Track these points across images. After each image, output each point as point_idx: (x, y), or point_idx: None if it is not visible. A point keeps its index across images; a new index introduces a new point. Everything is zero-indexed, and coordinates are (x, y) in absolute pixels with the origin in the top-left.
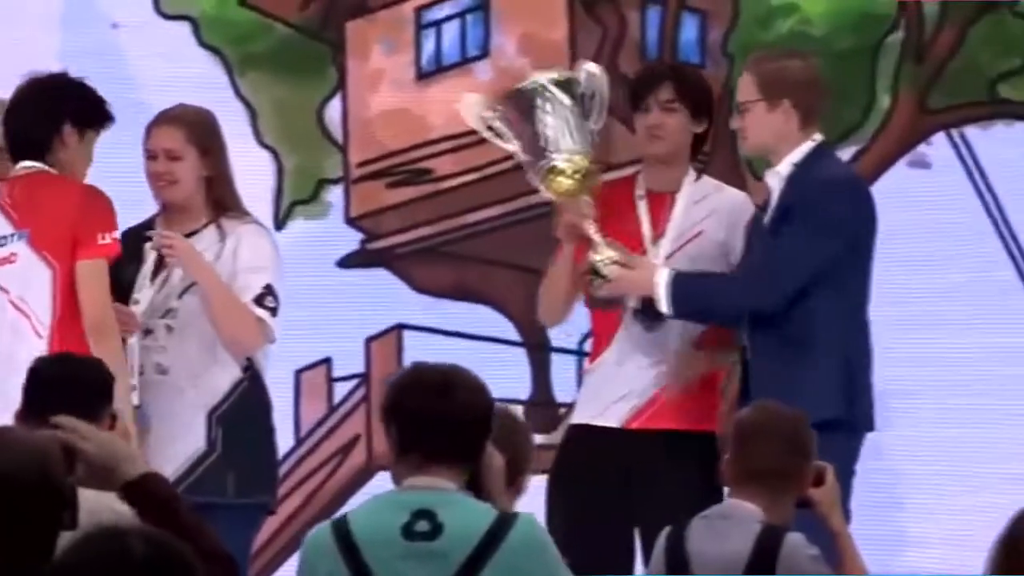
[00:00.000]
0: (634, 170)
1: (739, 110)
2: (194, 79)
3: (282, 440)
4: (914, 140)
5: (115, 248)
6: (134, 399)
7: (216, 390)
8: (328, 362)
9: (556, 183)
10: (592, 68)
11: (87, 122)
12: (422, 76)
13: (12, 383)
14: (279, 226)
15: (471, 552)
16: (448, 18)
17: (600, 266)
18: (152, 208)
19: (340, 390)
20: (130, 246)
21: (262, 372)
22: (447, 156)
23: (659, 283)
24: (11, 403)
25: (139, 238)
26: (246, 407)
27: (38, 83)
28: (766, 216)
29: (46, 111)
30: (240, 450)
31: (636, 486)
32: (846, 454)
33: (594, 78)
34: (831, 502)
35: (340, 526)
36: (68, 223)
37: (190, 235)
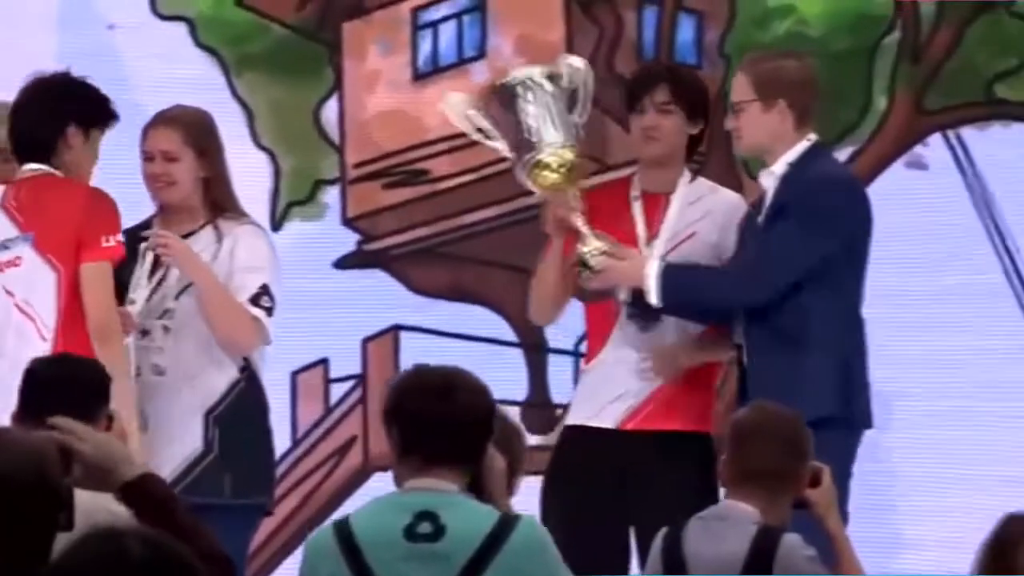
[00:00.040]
0: (630, 171)
1: (734, 110)
2: (191, 80)
3: (279, 441)
4: (911, 141)
5: (119, 251)
6: None
7: (213, 391)
8: (325, 363)
9: (542, 177)
10: (575, 61)
11: (91, 122)
12: (418, 77)
13: (17, 386)
14: (276, 227)
15: (473, 554)
16: (444, 19)
17: (588, 257)
18: (150, 210)
19: (337, 391)
20: (127, 247)
21: (259, 373)
22: (444, 157)
23: (649, 274)
24: None
25: (136, 239)
26: (243, 408)
27: (41, 84)
28: (760, 215)
29: (50, 112)
30: (237, 451)
31: (631, 487)
32: (844, 452)
33: (577, 72)
34: (828, 503)
35: (342, 528)
36: (72, 226)
37: (187, 236)
